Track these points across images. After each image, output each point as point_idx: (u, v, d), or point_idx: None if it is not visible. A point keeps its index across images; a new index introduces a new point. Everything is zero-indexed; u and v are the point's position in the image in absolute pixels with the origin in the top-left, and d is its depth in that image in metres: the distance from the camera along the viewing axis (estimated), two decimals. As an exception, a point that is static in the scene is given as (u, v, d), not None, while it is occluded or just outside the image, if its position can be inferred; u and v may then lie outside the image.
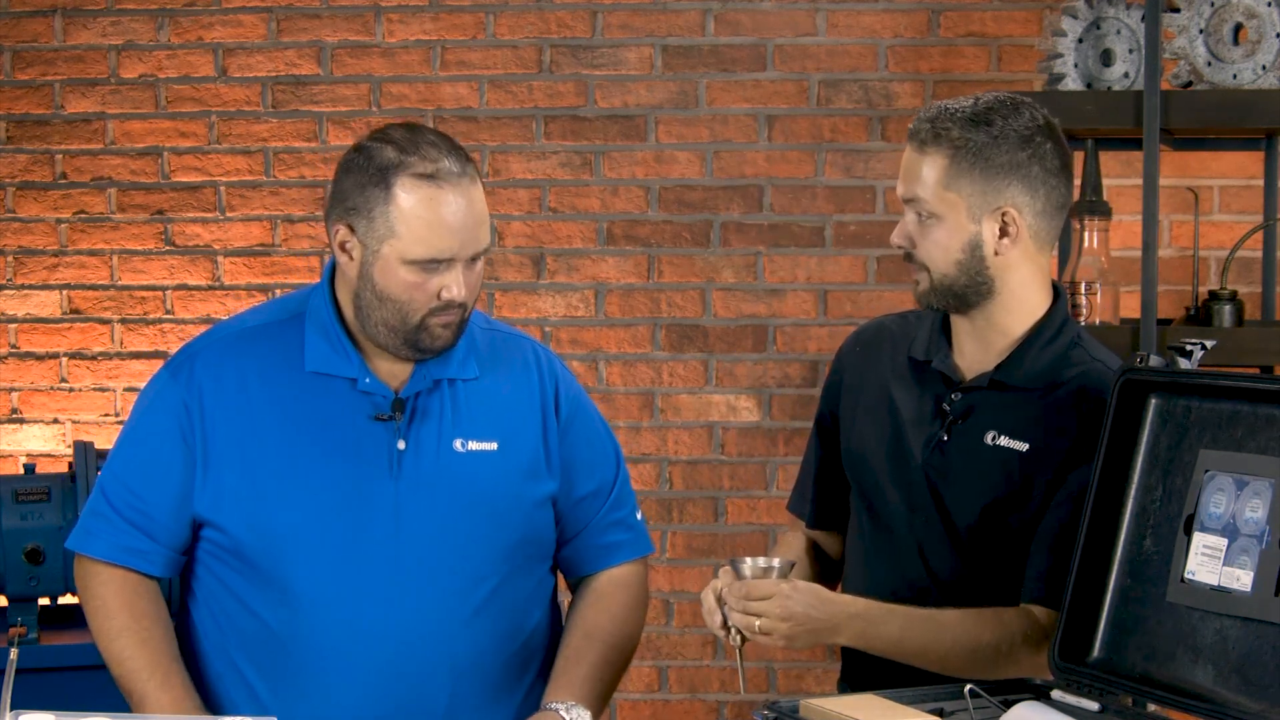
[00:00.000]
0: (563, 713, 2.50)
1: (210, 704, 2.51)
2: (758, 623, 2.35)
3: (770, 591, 2.36)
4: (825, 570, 2.74)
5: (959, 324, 2.55)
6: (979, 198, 2.44)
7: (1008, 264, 2.47)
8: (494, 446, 2.53)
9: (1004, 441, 2.48)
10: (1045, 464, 2.45)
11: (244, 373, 2.51)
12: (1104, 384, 2.44)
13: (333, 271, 2.54)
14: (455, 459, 2.51)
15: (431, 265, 2.41)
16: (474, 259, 2.44)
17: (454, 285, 2.42)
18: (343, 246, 2.45)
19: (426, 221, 2.39)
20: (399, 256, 2.40)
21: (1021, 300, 2.50)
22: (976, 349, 2.53)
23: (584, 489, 2.63)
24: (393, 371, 2.51)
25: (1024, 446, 2.46)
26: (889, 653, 2.43)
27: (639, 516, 2.71)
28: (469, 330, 2.54)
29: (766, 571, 2.39)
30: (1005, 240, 2.46)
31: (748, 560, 2.41)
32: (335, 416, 2.49)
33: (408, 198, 2.39)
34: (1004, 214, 2.45)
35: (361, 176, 2.42)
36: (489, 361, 2.59)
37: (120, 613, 2.50)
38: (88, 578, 2.54)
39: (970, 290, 2.48)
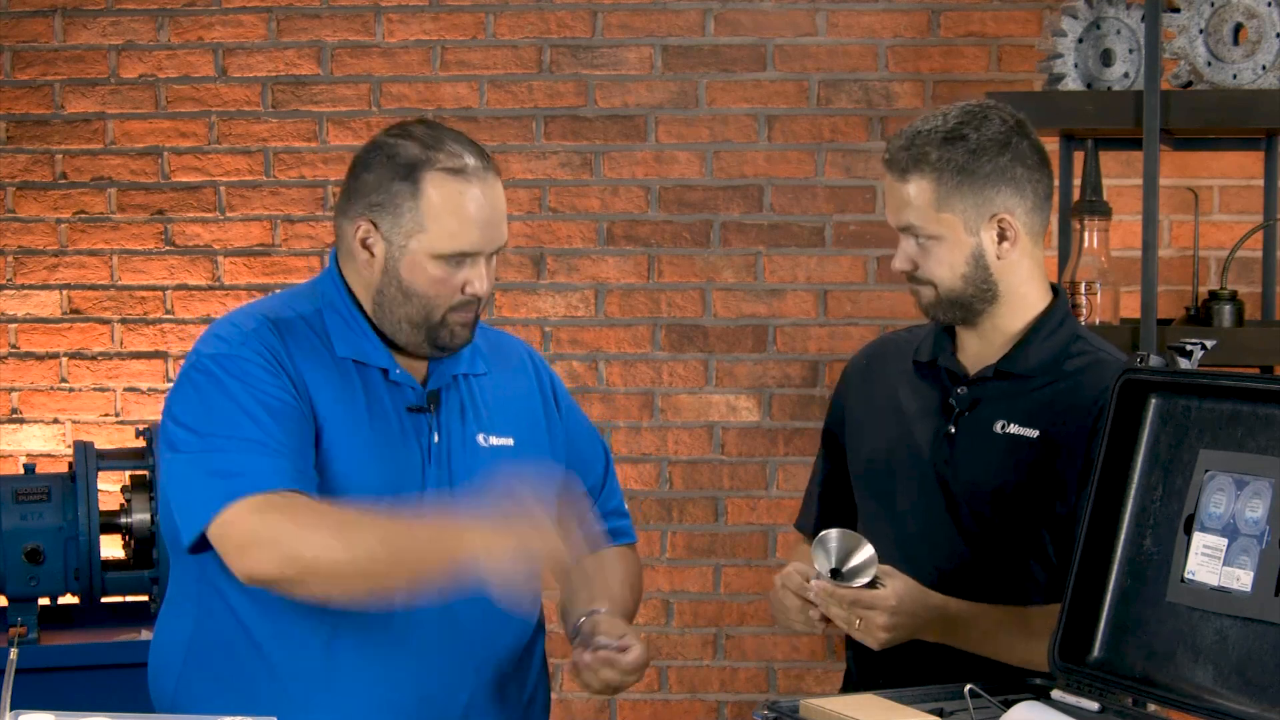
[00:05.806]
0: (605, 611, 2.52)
1: (233, 689, 2.46)
2: (859, 624, 2.35)
3: (873, 601, 2.35)
4: None
5: (962, 325, 2.57)
6: (973, 211, 2.47)
7: (1009, 266, 2.50)
8: (511, 442, 2.55)
9: (1014, 429, 2.50)
10: (1061, 451, 2.46)
11: (290, 352, 2.45)
12: (1113, 373, 2.45)
13: (337, 267, 2.53)
14: (481, 453, 2.52)
15: (458, 260, 2.42)
16: (492, 255, 2.46)
17: (477, 280, 2.44)
18: (364, 243, 2.45)
19: (456, 216, 2.41)
20: (427, 251, 2.41)
21: (1023, 297, 2.53)
22: (980, 345, 2.56)
23: (582, 483, 2.65)
24: (411, 366, 2.51)
25: (1034, 434, 2.48)
26: (974, 648, 2.44)
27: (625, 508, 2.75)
28: None
29: (856, 563, 2.35)
30: (1005, 244, 2.49)
31: (834, 542, 2.35)
32: (378, 404, 2.48)
33: (437, 192, 2.40)
34: (1000, 220, 2.48)
35: (385, 172, 2.42)
36: (491, 359, 2.60)
37: (341, 508, 2.35)
38: (264, 518, 2.31)
39: (976, 299, 2.51)
